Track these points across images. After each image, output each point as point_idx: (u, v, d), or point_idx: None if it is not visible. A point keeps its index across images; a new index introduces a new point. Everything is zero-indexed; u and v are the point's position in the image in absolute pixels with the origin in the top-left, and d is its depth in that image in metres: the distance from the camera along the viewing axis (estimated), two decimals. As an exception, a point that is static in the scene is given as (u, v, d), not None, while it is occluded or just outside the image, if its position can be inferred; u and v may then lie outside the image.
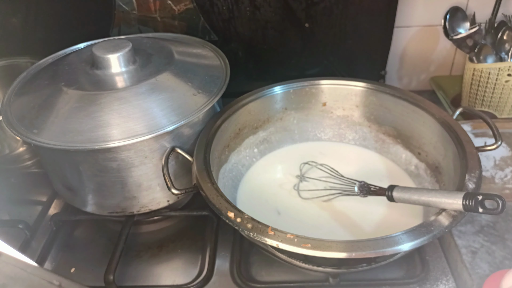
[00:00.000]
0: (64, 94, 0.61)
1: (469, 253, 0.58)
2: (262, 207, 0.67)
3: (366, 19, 0.84)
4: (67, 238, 0.70)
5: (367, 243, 0.46)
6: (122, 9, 0.83)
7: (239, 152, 0.72)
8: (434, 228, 0.48)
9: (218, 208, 0.52)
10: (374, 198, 0.60)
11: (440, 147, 0.64)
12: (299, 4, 0.81)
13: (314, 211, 0.65)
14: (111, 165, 0.60)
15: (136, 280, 0.62)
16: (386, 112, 0.72)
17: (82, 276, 0.63)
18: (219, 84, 0.66)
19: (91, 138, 0.57)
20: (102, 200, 0.65)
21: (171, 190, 0.59)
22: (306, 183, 0.70)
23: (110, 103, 0.59)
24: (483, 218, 0.62)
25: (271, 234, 0.48)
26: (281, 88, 0.73)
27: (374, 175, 0.70)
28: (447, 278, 0.59)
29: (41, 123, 0.59)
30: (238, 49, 0.88)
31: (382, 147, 0.74)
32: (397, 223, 0.61)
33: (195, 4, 0.82)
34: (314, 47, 0.88)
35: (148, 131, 0.57)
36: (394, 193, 0.55)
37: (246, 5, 0.81)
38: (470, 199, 0.46)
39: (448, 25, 0.83)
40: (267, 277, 0.61)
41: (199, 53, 0.74)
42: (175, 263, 0.65)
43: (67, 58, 0.72)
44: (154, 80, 0.63)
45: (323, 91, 0.74)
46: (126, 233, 0.65)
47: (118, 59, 0.63)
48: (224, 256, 0.64)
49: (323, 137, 0.78)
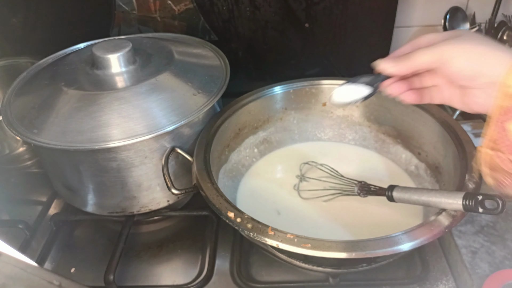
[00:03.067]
0: (64, 94, 0.61)
1: (469, 253, 0.58)
2: (262, 207, 0.67)
3: (366, 19, 0.84)
4: (67, 238, 0.70)
5: (367, 243, 0.46)
6: (122, 9, 0.83)
7: (239, 152, 0.72)
8: (434, 228, 0.48)
9: (218, 208, 0.52)
10: (374, 198, 0.60)
11: (440, 147, 0.64)
12: (299, 4, 0.81)
13: (314, 211, 0.65)
14: (111, 165, 0.60)
15: (136, 280, 0.62)
16: (386, 112, 0.72)
17: (82, 276, 0.63)
18: (219, 84, 0.66)
19: (91, 138, 0.57)
20: (102, 200, 0.65)
21: (171, 190, 0.59)
22: (306, 183, 0.70)
23: (110, 103, 0.59)
24: (483, 218, 0.62)
25: (271, 234, 0.48)
26: (281, 88, 0.73)
27: (374, 175, 0.70)
28: (447, 278, 0.59)
29: (41, 123, 0.59)
30: (238, 49, 0.88)
31: (382, 147, 0.74)
32: (397, 223, 0.61)
33: (195, 4, 0.82)
34: (314, 47, 0.88)
35: (148, 131, 0.57)
36: (394, 193, 0.55)
37: (246, 5, 0.81)
38: (470, 199, 0.46)
39: (448, 25, 0.83)
40: (267, 277, 0.61)
41: (199, 53, 0.74)
42: (175, 263, 0.65)
43: (67, 58, 0.72)
44: (154, 80, 0.63)
45: (323, 91, 0.74)
46: (126, 233, 0.65)
47: (118, 59, 0.63)
48: (224, 256, 0.64)
49: (323, 137, 0.78)
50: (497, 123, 0.44)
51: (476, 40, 0.44)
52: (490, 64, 0.43)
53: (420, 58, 0.45)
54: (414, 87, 0.51)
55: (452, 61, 0.44)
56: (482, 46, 0.43)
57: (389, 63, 0.48)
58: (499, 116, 0.43)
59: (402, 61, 0.47)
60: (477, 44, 0.43)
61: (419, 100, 0.51)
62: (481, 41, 0.44)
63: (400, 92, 0.50)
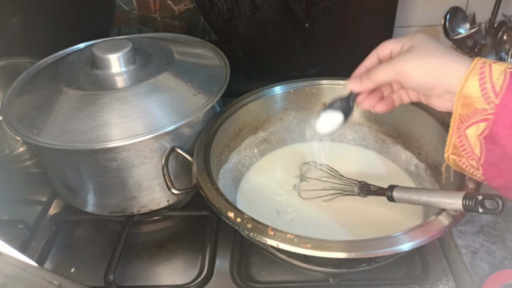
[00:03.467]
0: (64, 94, 0.61)
1: (469, 253, 0.58)
2: (262, 207, 0.67)
3: (366, 19, 0.84)
4: (67, 238, 0.70)
5: (367, 243, 0.46)
6: (122, 9, 0.83)
7: (239, 152, 0.72)
8: (434, 228, 0.48)
9: (218, 208, 0.52)
10: (374, 198, 0.60)
11: (440, 147, 0.64)
12: (299, 4, 0.81)
13: (314, 211, 0.65)
14: (111, 165, 0.60)
15: (136, 280, 0.62)
16: (386, 112, 0.72)
17: (82, 276, 0.64)
18: (219, 84, 0.66)
19: (91, 138, 0.57)
20: (102, 200, 0.65)
21: (171, 190, 0.59)
22: (306, 183, 0.70)
23: (110, 103, 0.59)
24: (483, 218, 0.62)
25: (271, 234, 0.48)
26: (281, 88, 0.73)
27: (374, 175, 0.70)
28: (447, 278, 0.59)
29: (41, 123, 0.59)
30: (238, 49, 0.88)
31: (382, 147, 0.74)
32: (397, 223, 0.61)
33: (195, 4, 0.82)
34: (314, 47, 0.88)
35: (148, 131, 0.57)
36: (394, 193, 0.55)
37: (246, 5, 0.81)
38: (470, 199, 0.46)
39: (448, 25, 0.83)
40: (267, 277, 0.61)
41: (199, 53, 0.74)
42: (175, 263, 0.65)
43: (67, 58, 0.72)
44: (154, 80, 0.63)
45: (323, 91, 0.74)
46: (126, 233, 0.65)
47: (118, 59, 0.63)
48: (224, 256, 0.64)
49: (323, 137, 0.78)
50: (458, 130, 0.47)
51: (431, 52, 0.47)
52: (444, 76, 0.46)
53: (380, 76, 0.50)
54: (386, 94, 0.55)
55: (408, 77, 0.47)
56: (436, 59, 0.46)
57: (355, 83, 0.52)
58: (459, 123, 0.46)
59: (365, 80, 0.51)
60: (431, 57, 0.46)
61: (391, 106, 0.55)
62: (435, 52, 0.47)
63: (372, 104, 0.54)
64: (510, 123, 0.43)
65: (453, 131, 0.48)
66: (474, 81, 0.44)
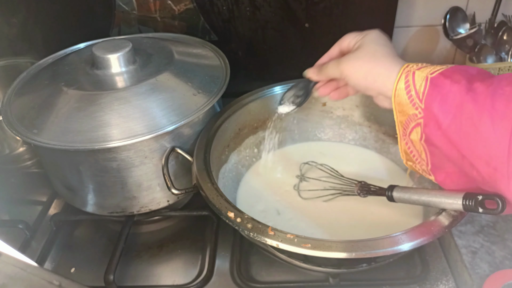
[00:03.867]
0: (64, 94, 0.61)
1: (469, 253, 0.58)
2: (262, 207, 0.67)
3: (366, 19, 0.84)
4: (67, 238, 0.70)
5: (367, 243, 0.46)
6: (122, 9, 0.83)
7: (239, 152, 0.72)
8: (434, 228, 0.48)
9: (218, 208, 0.52)
10: (374, 198, 0.60)
11: (440, 147, 0.64)
12: (299, 4, 0.81)
13: (314, 211, 0.65)
14: (111, 165, 0.60)
15: (136, 280, 0.62)
16: (386, 112, 0.71)
17: (82, 276, 0.63)
18: (219, 84, 0.66)
19: (91, 138, 0.57)
20: (102, 200, 0.65)
21: (171, 190, 0.59)
22: (306, 183, 0.70)
23: (110, 103, 0.59)
24: (483, 218, 0.62)
25: (271, 234, 0.48)
26: (281, 88, 0.73)
27: (374, 175, 0.70)
28: (447, 278, 0.59)
29: (41, 123, 0.59)
30: (238, 49, 0.88)
31: (382, 147, 0.74)
32: (397, 223, 0.61)
33: (195, 4, 0.82)
34: (314, 47, 0.88)
35: (148, 131, 0.57)
36: (394, 193, 0.55)
37: (246, 5, 0.81)
38: (470, 199, 0.46)
39: (448, 25, 0.83)
40: (267, 277, 0.61)
41: (199, 53, 0.74)
42: (175, 263, 0.65)
43: (67, 58, 0.72)
44: (154, 80, 0.63)
45: (323, 91, 0.74)
46: (126, 233, 0.65)
47: (118, 59, 0.63)
48: (224, 256, 0.64)
49: (323, 137, 0.78)
50: (404, 137, 0.49)
51: (367, 56, 0.51)
52: (375, 81, 0.50)
53: (329, 72, 0.55)
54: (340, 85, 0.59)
55: (347, 77, 0.52)
56: (369, 64, 0.50)
57: (313, 72, 0.59)
58: (403, 130, 0.49)
59: (320, 72, 0.57)
60: (366, 61, 0.50)
61: (344, 96, 0.60)
62: (370, 57, 0.50)
63: (327, 93, 0.60)
64: (437, 125, 0.45)
65: (401, 138, 0.51)
66: (402, 89, 0.47)
